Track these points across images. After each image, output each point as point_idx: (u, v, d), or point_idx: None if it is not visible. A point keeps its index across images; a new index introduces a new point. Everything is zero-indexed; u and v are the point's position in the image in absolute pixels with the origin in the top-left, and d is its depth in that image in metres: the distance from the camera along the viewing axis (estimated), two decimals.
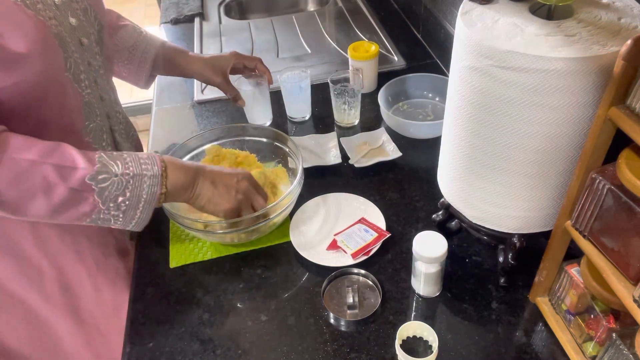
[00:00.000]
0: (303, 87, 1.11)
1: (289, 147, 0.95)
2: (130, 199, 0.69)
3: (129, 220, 0.71)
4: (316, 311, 0.77)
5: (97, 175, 0.66)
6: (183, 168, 0.75)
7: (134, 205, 0.70)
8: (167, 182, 0.72)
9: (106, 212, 0.69)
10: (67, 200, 0.65)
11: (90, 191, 0.66)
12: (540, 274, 0.72)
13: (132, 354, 0.74)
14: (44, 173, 0.63)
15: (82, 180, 0.65)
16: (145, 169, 0.70)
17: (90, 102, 0.78)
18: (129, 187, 0.69)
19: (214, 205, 0.77)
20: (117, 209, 0.69)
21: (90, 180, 0.66)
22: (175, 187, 0.73)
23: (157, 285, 0.83)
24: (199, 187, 0.76)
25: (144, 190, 0.70)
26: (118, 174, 0.68)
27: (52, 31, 0.68)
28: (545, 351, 0.70)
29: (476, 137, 0.65)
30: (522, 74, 0.55)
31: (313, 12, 1.69)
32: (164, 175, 0.72)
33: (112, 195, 0.68)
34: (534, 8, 0.62)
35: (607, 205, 0.55)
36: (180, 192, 0.75)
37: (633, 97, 0.49)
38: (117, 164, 0.69)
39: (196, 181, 0.76)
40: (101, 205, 0.67)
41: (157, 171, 0.71)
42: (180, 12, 1.62)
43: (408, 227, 0.89)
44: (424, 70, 1.24)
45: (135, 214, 0.71)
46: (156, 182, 0.71)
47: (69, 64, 0.72)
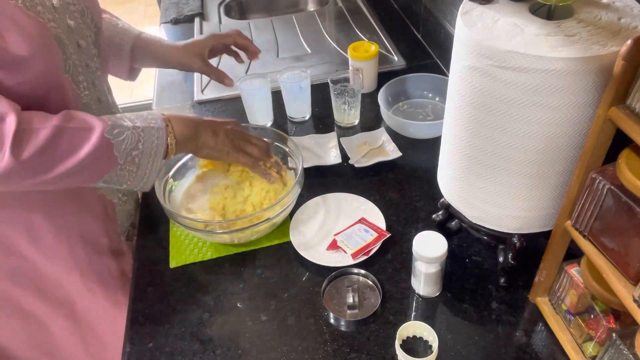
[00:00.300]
0: (303, 87, 1.11)
1: (289, 147, 0.95)
2: (143, 152, 0.73)
3: (141, 175, 0.75)
4: (316, 311, 0.77)
5: (112, 130, 0.70)
6: (185, 120, 0.80)
7: (146, 158, 0.74)
8: (175, 133, 0.77)
9: (123, 167, 0.72)
10: (91, 157, 0.68)
11: (109, 145, 0.69)
12: (540, 274, 0.72)
13: (132, 354, 0.74)
14: (68, 135, 0.67)
15: (101, 135, 0.69)
16: (151, 121, 0.75)
17: (88, 104, 0.78)
18: (141, 140, 0.73)
19: (218, 151, 0.84)
20: (132, 164, 0.73)
21: (108, 134, 0.69)
22: (183, 137, 0.78)
23: (157, 285, 0.83)
24: (203, 137, 0.82)
25: (153, 143, 0.74)
26: (130, 128, 0.72)
27: (52, 33, 0.68)
28: (545, 351, 0.70)
29: (476, 137, 0.65)
30: (522, 74, 0.55)
31: (313, 12, 1.69)
32: (170, 127, 0.77)
33: (128, 149, 0.71)
34: (534, 8, 0.62)
35: (607, 205, 0.55)
36: (187, 142, 0.80)
37: (633, 97, 0.49)
38: (125, 120, 0.73)
39: (199, 132, 0.81)
40: (119, 161, 0.71)
41: (162, 124, 0.76)
42: (180, 12, 1.62)
43: (408, 227, 0.89)
44: (424, 70, 1.24)
45: (147, 168, 0.75)
46: (163, 133, 0.75)
47: (67, 66, 0.72)
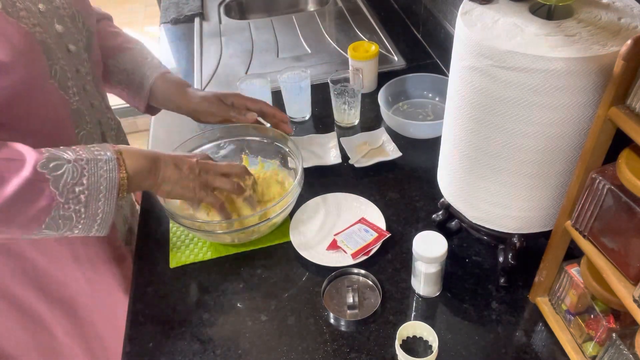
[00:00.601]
0: (303, 87, 1.11)
1: (289, 147, 0.95)
2: (89, 187, 0.64)
3: (92, 215, 0.66)
4: (316, 311, 0.77)
5: (49, 163, 0.62)
6: (141, 153, 0.72)
7: (94, 195, 0.65)
8: (126, 166, 0.69)
9: (66, 207, 0.64)
10: (22, 194, 0.60)
11: (44, 181, 0.62)
12: (540, 274, 0.72)
13: (132, 354, 0.74)
14: None
15: (33, 168, 0.61)
16: (98, 154, 0.67)
17: (79, 110, 0.76)
18: (86, 175, 0.64)
19: (181, 188, 0.75)
20: (77, 202, 0.64)
21: (42, 168, 0.62)
22: (137, 171, 0.70)
23: (157, 285, 0.83)
24: (163, 171, 0.73)
25: (102, 176, 0.65)
26: (71, 160, 0.64)
27: (37, 38, 0.67)
28: (545, 351, 0.70)
29: (476, 137, 0.65)
30: (522, 74, 0.55)
31: (313, 12, 1.69)
32: (120, 159, 0.68)
33: (69, 184, 0.63)
34: (534, 8, 0.62)
35: (607, 205, 0.55)
36: (143, 177, 0.71)
37: (633, 97, 0.49)
38: (67, 152, 0.65)
39: (158, 166, 0.73)
40: (59, 198, 0.63)
41: (111, 155, 0.67)
42: (180, 12, 1.62)
43: (408, 227, 0.89)
44: (424, 70, 1.24)
45: (97, 206, 0.66)
46: (113, 166, 0.66)
47: (54, 71, 0.70)
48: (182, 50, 1.47)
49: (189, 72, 1.37)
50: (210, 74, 1.35)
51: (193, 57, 1.42)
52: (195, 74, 1.35)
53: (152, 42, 3.43)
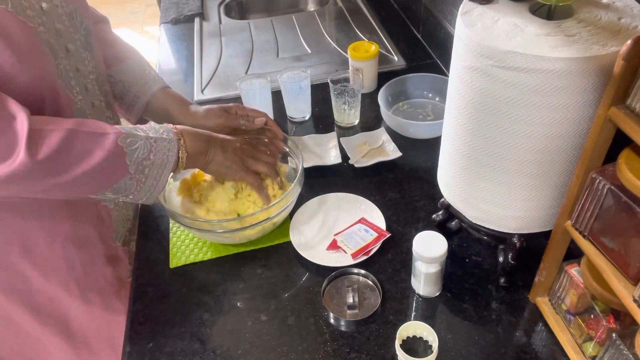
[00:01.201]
0: (303, 87, 1.11)
1: (289, 147, 0.95)
2: (154, 163, 0.72)
3: (148, 187, 0.73)
4: (316, 311, 0.77)
5: (127, 138, 0.69)
6: (197, 135, 0.79)
7: (155, 170, 0.73)
8: (187, 146, 0.76)
9: (132, 177, 0.71)
10: (104, 164, 0.67)
11: (122, 154, 0.69)
12: (540, 274, 0.72)
13: (132, 354, 0.74)
14: (81, 139, 0.66)
15: (114, 142, 0.68)
16: (163, 133, 0.74)
17: (82, 109, 0.77)
18: (153, 151, 0.72)
19: (226, 168, 0.82)
20: (141, 174, 0.72)
21: (122, 142, 0.69)
22: (194, 151, 0.77)
23: (157, 285, 0.83)
24: (212, 153, 0.80)
25: (165, 154, 0.73)
26: (143, 138, 0.71)
27: (42, 38, 0.67)
28: (545, 351, 0.70)
29: (476, 137, 0.65)
30: (522, 74, 0.55)
31: (313, 12, 1.69)
32: (182, 140, 0.76)
33: (140, 158, 0.71)
34: (534, 8, 0.62)
35: (607, 205, 0.55)
36: (197, 157, 0.79)
37: (633, 97, 0.49)
38: (139, 130, 0.72)
39: (209, 147, 0.80)
40: (130, 170, 0.70)
41: (174, 137, 0.75)
42: (180, 12, 1.62)
43: (408, 227, 0.89)
44: (424, 70, 1.24)
45: (155, 179, 0.73)
46: (174, 146, 0.74)
47: (59, 71, 0.71)
48: (182, 50, 1.47)
49: (189, 72, 1.37)
50: (210, 74, 1.35)
51: (193, 57, 1.42)
52: (195, 74, 1.35)
53: (152, 42, 3.45)
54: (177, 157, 0.75)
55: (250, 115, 0.93)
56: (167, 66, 1.42)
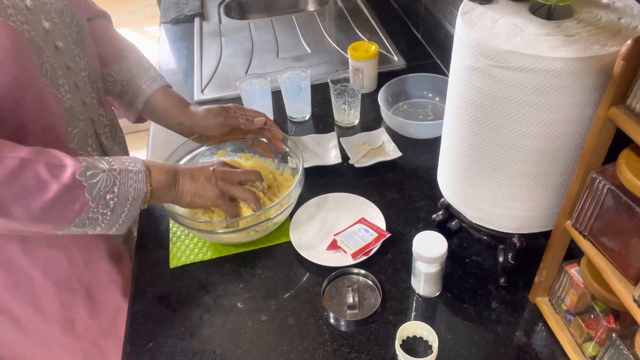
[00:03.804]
0: (303, 87, 1.11)
1: (289, 146, 0.95)
2: (119, 195, 0.69)
3: (115, 219, 0.70)
4: (316, 311, 0.77)
5: (86, 171, 0.66)
6: (163, 168, 0.76)
7: (121, 202, 0.70)
8: (152, 180, 0.73)
9: (95, 211, 0.68)
10: (58, 199, 0.64)
11: (81, 188, 0.66)
12: (540, 274, 0.72)
13: (132, 354, 0.74)
14: (36, 171, 0.63)
15: (72, 176, 0.65)
16: (129, 165, 0.71)
17: (72, 107, 0.75)
18: (117, 184, 0.69)
19: (199, 197, 0.79)
20: (105, 207, 0.69)
21: (80, 176, 0.66)
22: (160, 185, 0.74)
23: (157, 285, 0.83)
24: (181, 185, 0.77)
25: (131, 187, 0.70)
26: (105, 170, 0.68)
27: (24, 37, 0.65)
28: (545, 351, 0.70)
29: (476, 137, 0.65)
30: (522, 74, 0.55)
31: (313, 12, 1.69)
32: (148, 172, 0.73)
33: (102, 192, 0.68)
34: (534, 8, 0.62)
35: (607, 205, 0.55)
36: (164, 191, 0.76)
37: (633, 97, 0.49)
38: (102, 162, 0.70)
39: (177, 179, 0.77)
40: (91, 203, 0.67)
41: (141, 167, 0.72)
42: (180, 12, 1.62)
43: (408, 227, 0.89)
44: (424, 70, 1.24)
45: (122, 212, 0.70)
46: (142, 178, 0.71)
47: (44, 70, 0.69)
48: (182, 50, 1.47)
49: (189, 72, 1.37)
50: (210, 74, 1.35)
51: (193, 57, 1.42)
52: (195, 74, 1.35)
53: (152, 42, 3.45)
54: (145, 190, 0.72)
55: (250, 115, 0.93)
56: (167, 66, 1.42)
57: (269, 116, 1.14)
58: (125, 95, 0.91)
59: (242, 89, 1.10)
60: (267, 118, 0.94)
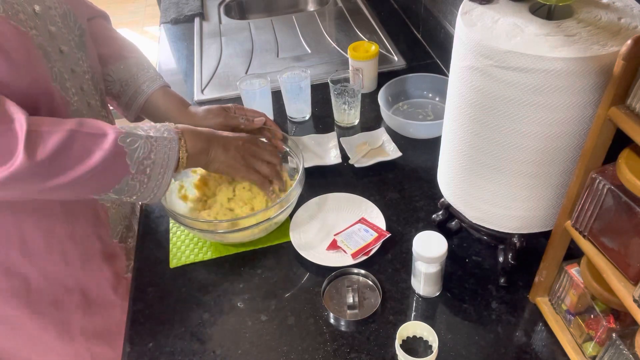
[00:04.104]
0: (303, 87, 1.11)
1: (289, 146, 0.95)
2: (155, 162, 0.72)
3: (151, 187, 0.73)
4: (316, 311, 0.77)
5: (126, 138, 0.69)
6: (198, 134, 0.79)
7: (157, 169, 0.73)
8: (187, 146, 0.76)
9: (134, 177, 0.71)
10: (103, 164, 0.67)
11: (122, 154, 0.69)
12: (540, 274, 0.72)
13: (132, 354, 0.74)
14: (81, 140, 0.66)
15: (114, 142, 0.68)
16: (164, 132, 0.74)
17: (78, 110, 0.76)
18: (154, 150, 0.72)
19: (228, 167, 0.82)
20: (143, 174, 0.71)
21: (122, 142, 0.68)
22: (195, 151, 0.77)
23: (157, 285, 0.83)
24: (213, 152, 0.80)
25: (165, 154, 0.73)
26: (143, 137, 0.71)
27: (35, 42, 0.66)
28: (545, 351, 0.70)
29: (476, 137, 0.65)
30: (522, 74, 0.55)
31: (313, 12, 1.69)
32: (182, 139, 0.76)
33: (140, 158, 0.70)
34: (534, 8, 0.62)
35: (607, 205, 0.55)
36: (198, 157, 0.79)
37: (633, 97, 0.49)
38: (139, 129, 0.72)
39: (210, 146, 0.80)
40: (131, 170, 0.70)
41: (174, 136, 0.75)
42: (180, 12, 1.62)
43: (408, 227, 0.89)
44: (424, 70, 1.24)
45: (157, 179, 0.73)
46: (175, 145, 0.74)
47: (54, 74, 0.70)
48: (182, 50, 1.47)
49: (189, 72, 1.37)
50: (210, 74, 1.35)
51: (193, 57, 1.42)
52: (195, 74, 1.35)
53: (152, 42, 3.45)
54: (178, 157, 0.75)
55: (250, 115, 0.93)
56: (167, 66, 1.42)
57: (269, 116, 1.14)
58: (124, 95, 0.91)
59: (242, 89, 1.10)
60: (267, 118, 0.94)
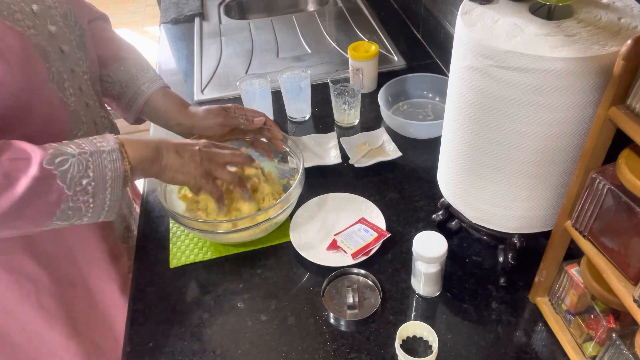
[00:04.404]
0: (303, 87, 1.11)
1: (289, 146, 0.95)
2: (95, 179, 0.66)
3: (100, 205, 0.68)
4: (316, 311, 0.77)
5: (54, 159, 0.63)
6: (142, 143, 0.73)
7: (100, 185, 0.67)
8: (129, 157, 0.70)
9: (75, 199, 0.65)
10: (31, 191, 0.62)
11: (51, 177, 0.63)
12: (540, 274, 0.72)
13: (132, 354, 0.74)
14: (2, 169, 0.61)
15: (40, 166, 0.62)
16: (100, 145, 0.68)
17: (76, 111, 0.76)
18: (91, 167, 0.66)
19: (182, 174, 0.76)
20: (85, 193, 0.66)
21: (48, 164, 0.63)
22: (140, 161, 0.71)
23: (157, 285, 0.83)
24: (165, 159, 0.75)
25: (107, 167, 0.67)
26: (75, 154, 0.65)
27: (32, 41, 0.65)
28: (545, 351, 0.70)
29: (476, 137, 0.65)
30: (522, 74, 0.55)
31: (313, 12, 1.69)
32: (123, 150, 0.69)
33: (76, 177, 0.64)
34: (534, 8, 0.62)
35: (607, 205, 0.55)
36: (146, 166, 0.73)
37: (633, 97, 0.49)
38: (71, 146, 0.66)
39: (160, 153, 0.74)
40: (67, 191, 0.64)
41: (114, 146, 0.68)
42: (180, 12, 1.62)
43: (408, 227, 0.89)
44: (424, 70, 1.24)
45: (105, 195, 0.67)
46: (117, 157, 0.68)
47: (51, 74, 0.69)
48: (182, 50, 1.47)
49: (189, 72, 1.37)
50: (210, 74, 1.35)
51: (193, 57, 1.42)
52: (195, 74, 1.35)
53: (152, 42, 3.45)
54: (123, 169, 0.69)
55: (250, 115, 0.93)
56: (167, 66, 1.42)
57: (269, 116, 1.14)
58: (123, 96, 0.90)
59: (242, 89, 1.10)
60: (267, 118, 0.94)
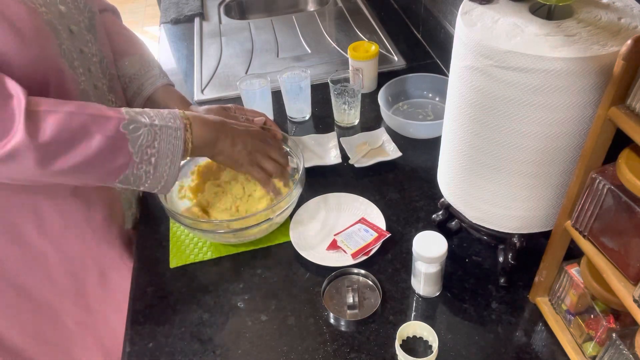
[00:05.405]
0: (303, 87, 1.11)
1: (289, 146, 0.95)
2: (159, 151, 0.70)
3: (158, 177, 0.72)
4: (316, 311, 0.77)
5: (129, 125, 0.68)
6: (207, 123, 0.77)
7: (162, 158, 0.71)
8: (193, 136, 0.74)
9: (139, 167, 0.69)
10: (103, 150, 0.66)
11: (124, 140, 0.67)
12: (540, 274, 0.72)
13: (132, 354, 0.74)
14: (82, 122, 0.64)
15: (116, 128, 0.66)
16: (170, 120, 0.72)
17: (85, 90, 0.77)
18: (157, 139, 0.70)
19: (232, 161, 0.81)
20: (148, 164, 0.70)
21: (124, 128, 0.67)
22: (200, 142, 0.76)
23: (157, 285, 0.83)
24: (220, 145, 0.79)
25: (170, 143, 0.71)
26: (147, 125, 0.69)
27: (43, 18, 0.67)
28: (545, 351, 0.70)
29: (476, 137, 0.65)
30: (522, 74, 0.55)
31: (313, 12, 1.69)
32: (188, 129, 0.74)
33: (144, 146, 0.69)
34: (534, 8, 0.62)
35: (607, 205, 0.55)
36: (204, 149, 0.77)
37: (633, 97, 0.49)
38: (144, 116, 0.70)
39: (218, 138, 0.78)
40: (134, 158, 0.68)
41: (180, 124, 0.73)
42: (180, 12, 1.62)
43: (408, 227, 0.89)
44: (424, 70, 1.24)
45: (164, 169, 0.72)
46: (180, 135, 0.72)
47: (62, 51, 0.71)
48: (182, 50, 1.47)
49: (189, 72, 1.37)
50: (210, 74, 1.35)
51: (193, 57, 1.42)
52: (195, 74, 1.35)
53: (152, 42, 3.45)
54: (184, 147, 0.73)
55: (250, 115, 0.93)
56: (167, 66, 1.42)
57: (269, 116, 1.14)
58: (127, 91, 0.92)
59: (242, 89, 1.10)
60: (267, 118, 0.94)
